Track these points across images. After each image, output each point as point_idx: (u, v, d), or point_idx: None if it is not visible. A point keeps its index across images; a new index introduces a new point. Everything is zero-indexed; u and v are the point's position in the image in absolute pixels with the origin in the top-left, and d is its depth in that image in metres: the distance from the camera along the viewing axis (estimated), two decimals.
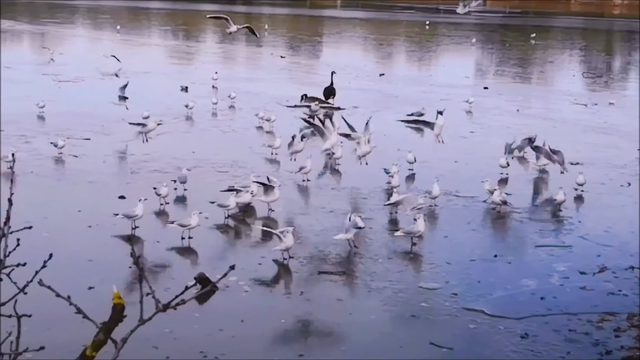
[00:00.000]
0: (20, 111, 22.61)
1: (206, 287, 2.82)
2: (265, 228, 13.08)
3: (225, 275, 2.91)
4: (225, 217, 14.20)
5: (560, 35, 64.71)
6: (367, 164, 16.98)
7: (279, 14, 75.91)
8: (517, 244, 13.56)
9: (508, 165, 17.75)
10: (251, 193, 14.36)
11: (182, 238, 12.89)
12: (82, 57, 37.16)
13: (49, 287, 2.73)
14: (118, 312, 2.64)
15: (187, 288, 2.72)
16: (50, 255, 3.23)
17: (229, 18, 21.84)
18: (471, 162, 18.04)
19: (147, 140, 12.98)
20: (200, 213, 13.01)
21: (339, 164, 18.24)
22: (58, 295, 2.76)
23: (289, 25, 64.38)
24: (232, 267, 2.85)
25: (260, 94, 27.79)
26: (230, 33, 22.07)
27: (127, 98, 22.21)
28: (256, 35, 24.89)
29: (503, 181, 17.09)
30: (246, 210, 14.63)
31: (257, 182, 14.59)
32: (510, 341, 9.96)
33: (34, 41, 46.39)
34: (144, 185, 15.59)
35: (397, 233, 13.02)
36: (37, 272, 3.19)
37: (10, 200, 3.08)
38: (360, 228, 12.70)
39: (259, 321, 10.30)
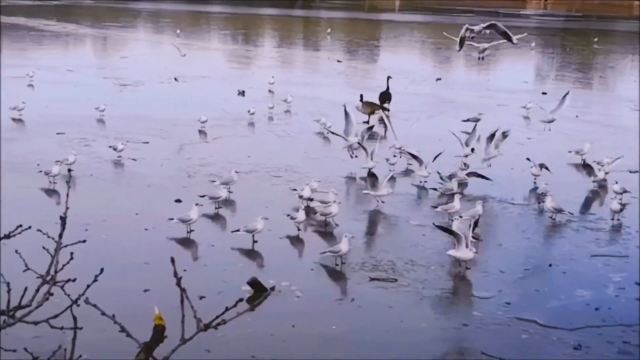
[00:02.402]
0: (81, 114, 23.11)
1: (247, 309, 2.86)
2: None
3: (261, 301, 2.96)
4: (283, 223, 14.34)
5: (622, 40, 63.55)
6: (489, 165, 17.91)
7: (336, 18, 76.00)
8: (572, 253, 13.39)
9: (473, 151, 18.49)
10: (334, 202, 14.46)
11: (255, 241, 13.08)
12: (143, 61, 37.77)
13: (94, 306, 2.82)
14: (159, 333, 2.75)
15: (227, 309, 2.78)
16: (102, 270, 3.32)
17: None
18: (527, 169, 17.82)
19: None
20: (265, 218, 13.11)
21: (393, 170, 18.21)
22: (103, 313, 2.86)
23: (346, 29, 64.45)
24: (272, 288, 2.91)
25: (316, 99, 27.91)
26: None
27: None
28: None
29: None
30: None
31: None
32: (563, 352, 9.87)
33: (96, 45, 47.31)
34: (200, 189, 15.80)
35: (448, 253, 12.76)
36: (88, 287, 3.28)
37: (63, 219, 3.16)
38: None
39: (309, 326, 10.39)
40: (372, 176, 15.41)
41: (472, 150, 18.29)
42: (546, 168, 17.40)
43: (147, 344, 2.74)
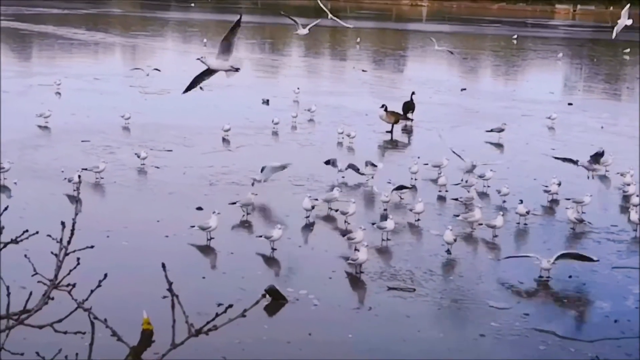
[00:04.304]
0: (107, 122, 23.36)
1: (238, 315, 2.89)
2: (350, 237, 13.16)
3: (252, 306, 2.95)
4: (301, 228, 14.42)
5: None
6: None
7: (364, 27, 76.09)
8: (593, 265, 13.29)
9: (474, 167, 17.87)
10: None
11: (274, 249, 13.18)
12: (169, 70, 38.06)
13: (88, 310, 2.88)
14: (147, 338, 2.82)
15: (217, 315, 2.82)
16: (105, 276, 3.37)
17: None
18: (550, 180, 17.70)
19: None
20: (280, 227, 13.21)
21: (415, 179, 18.21)
22: (95, 318, 2.91)
23: (373, 39, 64.54)
24: (264, 295, 2.94)
25: (340, 108, 27.98)
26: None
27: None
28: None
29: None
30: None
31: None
32: None
33: (125, 53, 47.74)
34: (222, 197, 15.91)
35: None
36: (92, 292, 3.32)
37: (72, 226, 3.21)
38: None
39: (326, 334, 10.42)
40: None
41: (473, 166, 17.97)
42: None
43: (134, 348, 2.80)
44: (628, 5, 18.64)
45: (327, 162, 18.22)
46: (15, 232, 3.30)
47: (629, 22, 19.25)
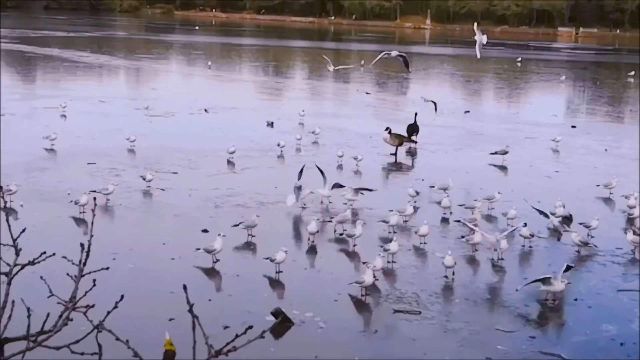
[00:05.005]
0: (112, 144, 23.47)
1: (257, 336, 2.93)
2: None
3: (272, 327, 3.00)
4: (306, 251, 14.46)
5: None
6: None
7: (367, 50, 76.40)
8: (598, 288, 13.31)
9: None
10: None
11: (279, 272, 13.23)
12: (174, 92, 38.25)
13: (109, 331, 2.92)
14: (169, 358, 2.86)
15: (237, 336, 2.87)
16: (122, 297, 3.42)
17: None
18: (554, 202, 17.73)
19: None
20: (285, 250, 13.25)
21: (415, 202, 18.25)
22: (117, 339, 2.95)
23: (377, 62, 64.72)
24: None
25: (344, 130, 28.09)
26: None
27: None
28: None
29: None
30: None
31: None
32: None
33: (129, 76, 47.99)
34: (227, 219, 15.96)
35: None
36: (108, 313, 3.37)
37: (88, 247, 3.26)
38: None
39: (332, 357, 10.42)
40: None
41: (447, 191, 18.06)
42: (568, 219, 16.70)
43: None
44: (476, 24, 19.24)
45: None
46: (23, 254, 3.33)
47: (484, 38, 19.75)
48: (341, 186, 18.03)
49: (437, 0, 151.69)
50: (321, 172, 18.01)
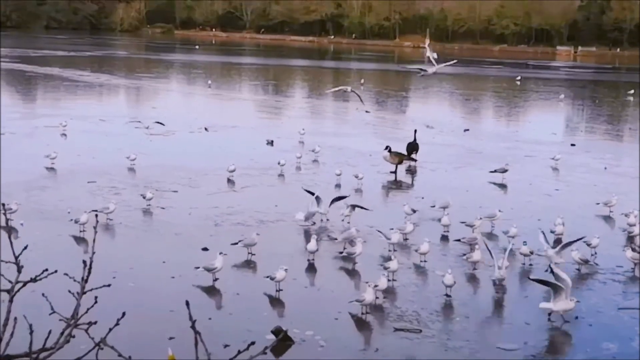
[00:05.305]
0: (112, 163, 23.50)
1: (259, 352, 2.94)
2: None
3: (274, 343, 3.02)
4: (306, 269, 14.44)
5: None
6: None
7: (366, 69, 76.70)
8: (599, 306, 13.29)
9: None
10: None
11: (279, 290, 13.23)
12: (174, 111, 38.32)
13: (112, 347, 2.93)
14: None
15: (239, 352, 2.87)
16: (123, 314, 3.42)
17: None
18: (555, 221, 17.74)
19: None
20: (285, 268, 13.24)
21: (411, 220, 18.26)
22: (120, 355, 2.96)
23: (376, 80, 64.96)
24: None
25: (344, 149, 28.14)
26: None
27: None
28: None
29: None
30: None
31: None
32: None
33: (129, 95, 48.10)
34: (227, 237, 15.96)
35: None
36: (110, 330, 3.38)
37: (90, 264, 3.27)
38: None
39: None
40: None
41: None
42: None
43: None
44: (428, 42, 19.88)
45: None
46: (24, 272, 3.34)
47: (434, 55, 20.45)
48: (342, 197, 18.20)
49: (436, 20, 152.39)
50: (311, 193, 18.09)
